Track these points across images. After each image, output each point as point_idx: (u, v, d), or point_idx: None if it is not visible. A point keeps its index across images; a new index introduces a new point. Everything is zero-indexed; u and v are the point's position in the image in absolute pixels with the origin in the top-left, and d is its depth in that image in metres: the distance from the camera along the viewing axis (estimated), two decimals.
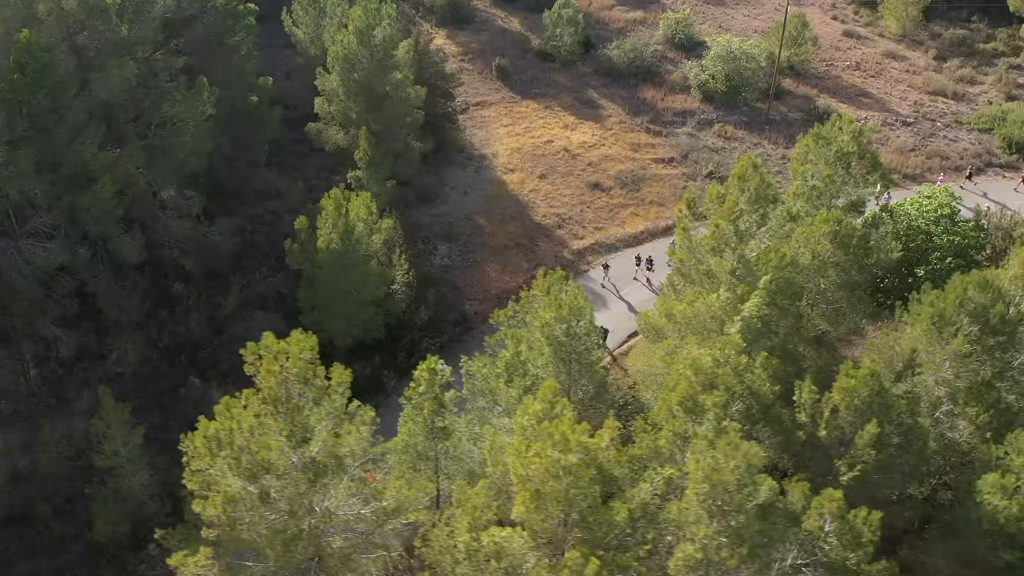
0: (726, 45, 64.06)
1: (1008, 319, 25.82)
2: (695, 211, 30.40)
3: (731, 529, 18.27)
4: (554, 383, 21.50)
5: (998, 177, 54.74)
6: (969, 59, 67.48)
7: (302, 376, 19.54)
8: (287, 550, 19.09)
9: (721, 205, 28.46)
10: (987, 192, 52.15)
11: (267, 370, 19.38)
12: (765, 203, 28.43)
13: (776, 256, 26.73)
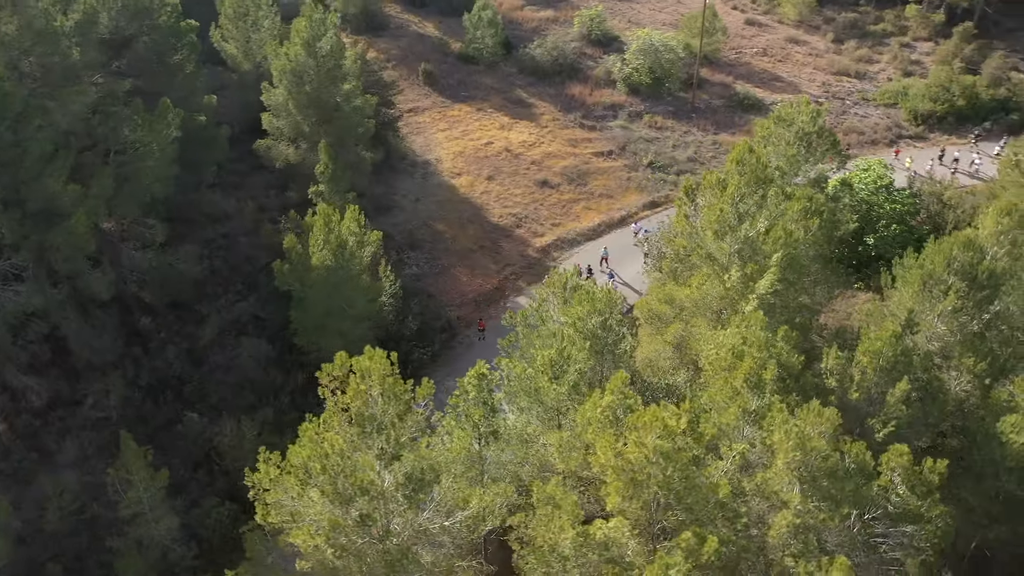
0: (646, 39, 66.10)
1: (993, 273, 28.18)
2: (693, 198, 31.52)
3: (823, 492, 19.31)
4: (624, 374, 21.99)
5: (910, 147, 59.01)
6: (864, 40, 72.26)
7: (391, 392, 19.17)
8: (393, 571, 18.72)
9: (723, 191, 29.67)
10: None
11: (355, 389, 18.93)
12: (764, 184, 29.85)
13: (785, 233, 28.19)
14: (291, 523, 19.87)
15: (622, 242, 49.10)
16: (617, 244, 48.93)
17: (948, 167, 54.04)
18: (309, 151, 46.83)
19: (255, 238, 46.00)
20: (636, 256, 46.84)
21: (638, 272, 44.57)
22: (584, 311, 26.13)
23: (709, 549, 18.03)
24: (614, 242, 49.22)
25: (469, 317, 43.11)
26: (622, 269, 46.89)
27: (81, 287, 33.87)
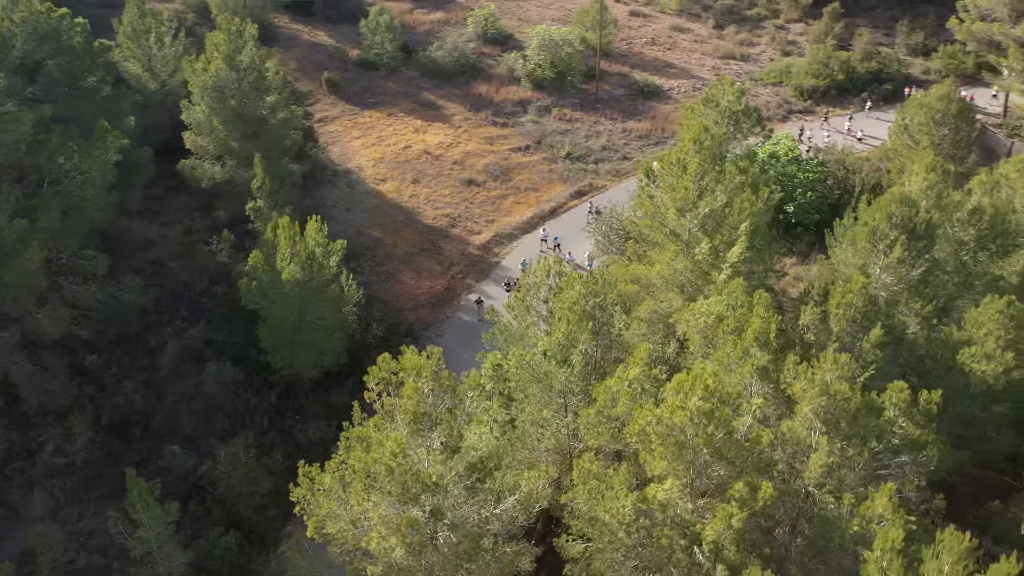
0: (545, 35, 67.76)
1: (929, 223, 31.21)
2: (653, 178, 33.09)
3: (845, 432, 21.11)
4: (647, 346, 23.07)
5: (801, 120, 63.39)
6: (742, 25, 76.85)
7: (444, 386, 19.44)
8: (471, 558, 19.02)
9: (683, 170, 31.36)
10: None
11: (412, 388, 19.07)
12: (720, 160, 31.75)
13: (750, 203, 30.17)
14: (350, 530, 19.78)
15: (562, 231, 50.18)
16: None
17: (803, 143, 57.69)
18: (237, 168, 45.64)
19: (188, 262, 44.36)
20: (581, 240, 48.18)
21: (586, 254, 45.97)
22: (580, 293, 27.10)
23: (764, 495, 19.43)
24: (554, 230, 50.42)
25: (427, 319, 43.24)
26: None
27: (29, 327, 31.82)
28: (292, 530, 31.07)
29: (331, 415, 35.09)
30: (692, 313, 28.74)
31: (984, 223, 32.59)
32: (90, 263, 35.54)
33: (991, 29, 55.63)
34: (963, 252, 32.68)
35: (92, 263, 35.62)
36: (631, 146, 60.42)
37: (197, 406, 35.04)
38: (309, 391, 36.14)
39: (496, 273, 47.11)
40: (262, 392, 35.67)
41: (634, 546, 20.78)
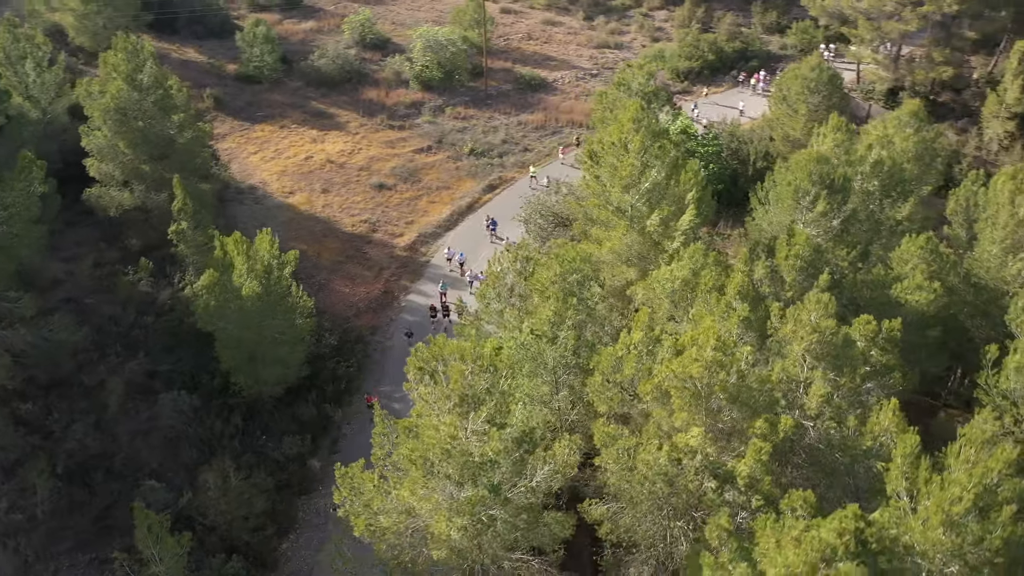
0: (428, 36, 68.34)
1: (845, 177, 34.52)
2: (596, 159, 34.65)
3: (834, 363, 23.39)
4: (646, 310, 24.51)
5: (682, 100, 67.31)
6: (610, 15, 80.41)
7: (486, 364, 20.02)
8: (531, 529, 19.67)
9: (625, 149, 33.11)
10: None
11: (458, 371, 19.53)
12: (659, 137, 33.71)
13: (694, 174, 32.32)
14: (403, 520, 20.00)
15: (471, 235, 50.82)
16: (468, 235, 50.71)
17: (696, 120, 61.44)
18: (147, 192, 43.66)
19: (106, 296, 42.08)
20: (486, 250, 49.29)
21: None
22: (563, 270, 28.25)
23: (784, 426, 21.34)
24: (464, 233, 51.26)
25: (373, 324, 43.05)
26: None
27: None
28: (288, 548, 30.58)
29: (301, 429, 34.61)
30: (656, 280, 30.47)
31: (885, 174, 36.33)
32: (16, 305, 33.20)
33: (840, 4, 61.26)
34: (870, 202, 36.27)
35: (18, 305, 33.29)
36: (529, 138, 62.11)
37: (157, 440, 33.55)
38: (272, 408, 35.34)
39: (429, 272, 47.46)
40: (224, 416, 34.54)
41: (669, 495, 22.18)
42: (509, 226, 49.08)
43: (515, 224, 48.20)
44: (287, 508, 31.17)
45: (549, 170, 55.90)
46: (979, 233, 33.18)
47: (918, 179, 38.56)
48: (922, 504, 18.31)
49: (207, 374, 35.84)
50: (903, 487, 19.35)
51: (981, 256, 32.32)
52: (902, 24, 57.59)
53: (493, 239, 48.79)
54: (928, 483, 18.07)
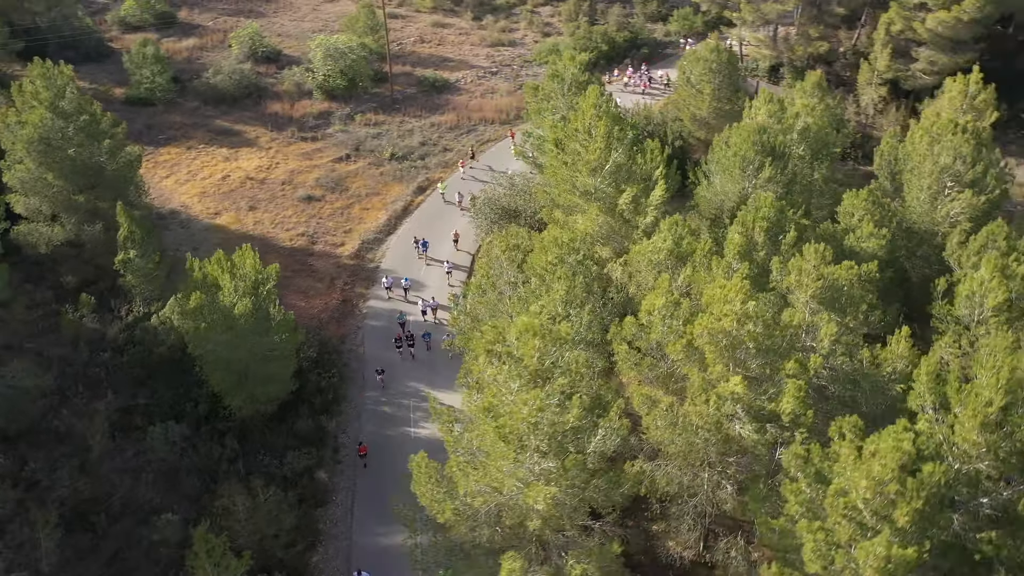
0: (327, 44, 67.68)
1: (784, 143, 37.64)
2: (561, 146, 36.09)
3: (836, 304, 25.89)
4: (667, 276, 26.17)
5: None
6: (497, 14, 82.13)
7: (557, 339, 20.95)
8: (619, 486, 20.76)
9: (589, 135, 34.75)
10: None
11: (529, 346, 20.39)
12: (619, 121, 35.51)
13: (659, 150, 34.39)
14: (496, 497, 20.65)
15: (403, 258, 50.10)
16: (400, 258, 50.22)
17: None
18: (79, 225, 41.43)
19: (48, 337, 39.70)
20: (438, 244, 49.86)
21: (453, 251, 48.14)
22: (562, 251, 29.51)
23: (815, 364, 23.57)
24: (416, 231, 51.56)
25: (341, 333, 42.68)
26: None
27: None
28: (319, 560, 30.30)
29: (301, 443, 34.17)
30: (640, 254, 32.30)
31: (812, 139, 39.85)
32: None
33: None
34: (803, 165, 39.65)
35: None
36: (446, 139, 62.80)
37: (152, 475, 32.22)
38: (264, 427, 34.66)
39: (381, 277, 47.40)
40: (219, 441, 33.58)
41: (713, 443, 23.94)
42: (439, 246, 48.74)
43: (445, 242, 48.44)
44: (309, 522, 30.81)
45: (452, 184, 55.14)
46: (905, 183, 37.08)
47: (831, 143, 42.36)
48: (954, 411, 20.90)
49: (189, 402, 34.67)
50: (929, 401, 21.94)
51: (911, 203, 36.15)
52: (779, 5, 62.45)
53: (428, 261, 47.61)
54: (959, 392, 20.67)
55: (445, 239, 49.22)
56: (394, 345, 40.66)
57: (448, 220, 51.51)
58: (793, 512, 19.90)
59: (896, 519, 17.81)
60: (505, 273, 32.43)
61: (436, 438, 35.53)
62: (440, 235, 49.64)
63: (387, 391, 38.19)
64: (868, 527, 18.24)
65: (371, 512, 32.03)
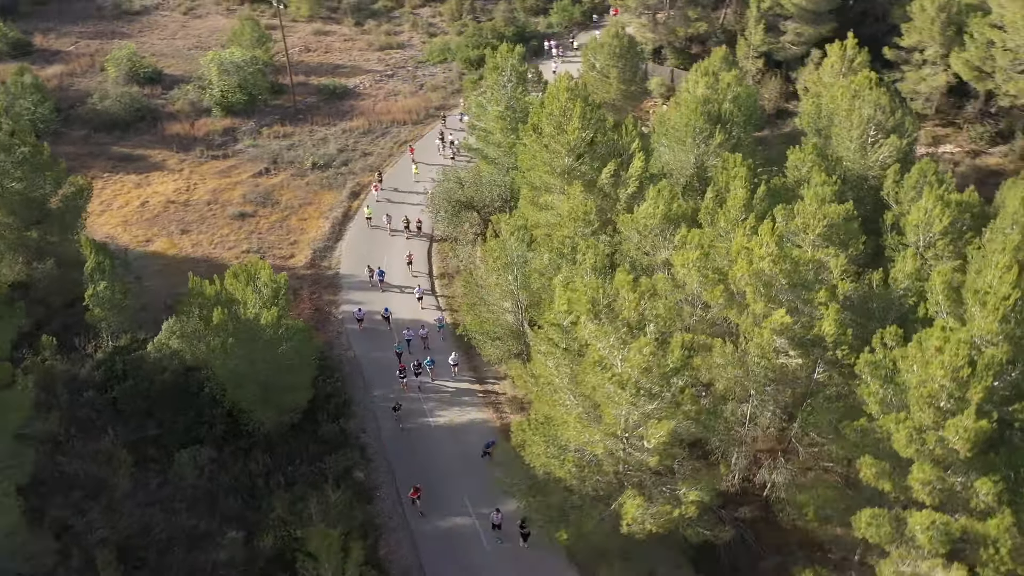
0: (222, 60, 65.78)
1: (729, 110, 41.34)
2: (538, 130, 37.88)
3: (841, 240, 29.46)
4: (696, 232, 28.66)
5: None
6: (378, 18, 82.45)
7: (648, 292, 22.88)
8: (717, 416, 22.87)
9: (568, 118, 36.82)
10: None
11: (632, 300, 22.22)
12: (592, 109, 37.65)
13: (633, 126, 37.01)
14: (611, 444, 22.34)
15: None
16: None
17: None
18: (28, 263, 38.95)
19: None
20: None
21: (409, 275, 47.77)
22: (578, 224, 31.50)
23: (844, 289, 26.93)
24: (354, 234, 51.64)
25: (326, 340, 42.31)
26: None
27: None
28: (387, 553, 30.68)
29: (332, 448, 34.16)
30: (633, 220, 34.77)
31: (743, 106, 43.95)
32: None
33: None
34: (738, 129, 43.65)
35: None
36: (362, 143, 62.85)
37: (186, 503, 31.26)
38: (289, 436, 34.36)
39: (345, 281, 47.37)
40: (247, 458, 33.01)
41: (767, 371, 26.75)
42: (391, 270, 47.57)
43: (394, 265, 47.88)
44: (368, 517, 31.06)
45: (375, 208, 53.40)
46: (834, 137, 41.75)
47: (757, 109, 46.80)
48: (970, 310, 24.73)
49: (204, 425, 33.77)
50: (944, 307, 25.80)
51: (843, 153, 40.78)
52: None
53: (383, 289, 46.14)
54: (975, 292, 24.51)
55: (395, 261, 48.08)
56: (398, 376, 38.79)
57: (387, 243, 50.22)
58: (874, 411, 22.99)
59: (971, 398, 21.20)
60: (513, 252, 33.97)
61: (454, 424, 36.84)
62: (382, 258, 48.39)
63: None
64: (946, 410, 21.53)
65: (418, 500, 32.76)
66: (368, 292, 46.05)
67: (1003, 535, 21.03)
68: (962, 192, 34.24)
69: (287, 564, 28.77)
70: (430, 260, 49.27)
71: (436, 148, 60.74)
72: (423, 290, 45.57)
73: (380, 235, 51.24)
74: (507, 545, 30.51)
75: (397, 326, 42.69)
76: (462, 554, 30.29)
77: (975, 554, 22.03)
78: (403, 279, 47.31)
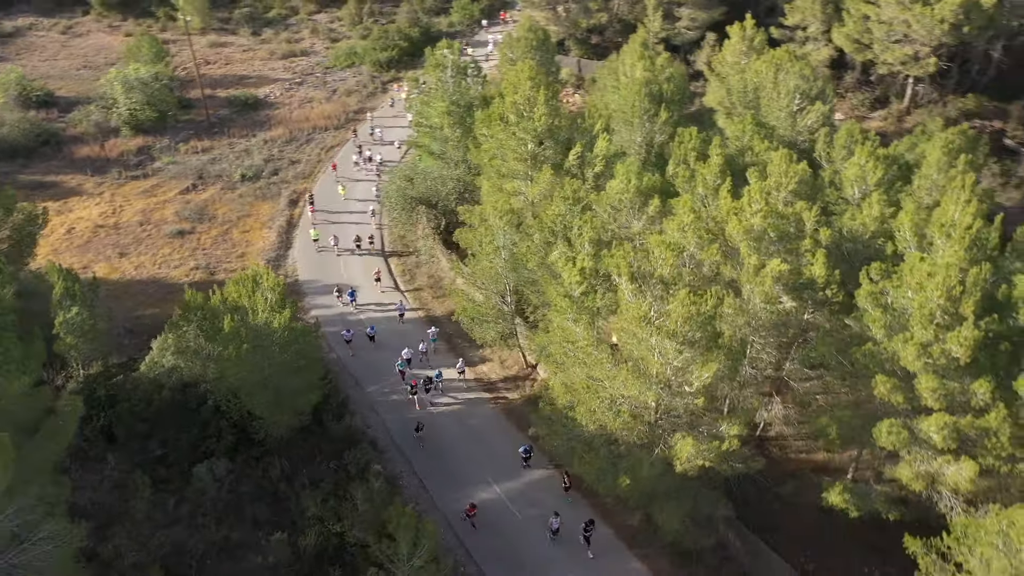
0: (127, 77, 63.40)
1: (664, 89, 44.23)
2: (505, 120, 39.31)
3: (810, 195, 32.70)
4: (687, 198, 30.96)
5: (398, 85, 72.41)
6: (274, 26, 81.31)
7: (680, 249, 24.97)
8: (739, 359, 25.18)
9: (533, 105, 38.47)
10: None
11: (666, 258, 24.26)
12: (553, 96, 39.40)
13: (597, 108, 39.08)
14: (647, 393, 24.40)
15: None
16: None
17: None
18: None
19: None
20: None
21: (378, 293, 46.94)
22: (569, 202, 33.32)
23: (825, 236, 29.99)
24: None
25: None
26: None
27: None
28: None
29: (345, 445, 34.44)
30: (607, 197, 36.96)
31: (676, 85, 47.10)
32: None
33: None
34: (674, 107, 46.77)
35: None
36: (287, 152, 62.30)
37: (214, 516, 30.85)
38: (299, 439, 34.39)
39: (307, 287, 47.16)
40: (261, 465, 32.87)
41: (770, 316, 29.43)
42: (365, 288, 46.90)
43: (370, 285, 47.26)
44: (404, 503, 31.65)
45: (302, 232, 52.44)
46: (763, 107, 45.47)
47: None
48: (935, 242, 28.33)
49: (210, 439, 33.32)
50: (913, 242, 29.37)
51: (773, 122, 44.54)
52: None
53: (354, 308, 45.12)
54: (941, 226, 28.10)
55: (357, 280, 47.22)
56: (408, 392, 38.13)
57: (339, 264, 49.23)
58: (878, 335, 26.03)
59: (964, 312, 24.53)
60: (502, 236, 35.39)
61: (455, 407, 37.84)
62: (342, 278, 47.58)
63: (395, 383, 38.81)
64: (943, 325, 24.77)
65: (440, 483, 33.57)
66: (336, 308, 45.24)
67: (1002, 425, 24.44)
68: None
69: (330, 560, 29.14)
70: (392, 276, 48.24)
71: (355, 164, 59.18)
72: (403, 307, 44.42)
73: (329, 256, 49.75)
74: (568, 550, 30.34)
75: (383, 343, 42.26)
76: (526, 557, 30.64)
77: (976, 449, 25.42)
78: (374, 297, 46.15)
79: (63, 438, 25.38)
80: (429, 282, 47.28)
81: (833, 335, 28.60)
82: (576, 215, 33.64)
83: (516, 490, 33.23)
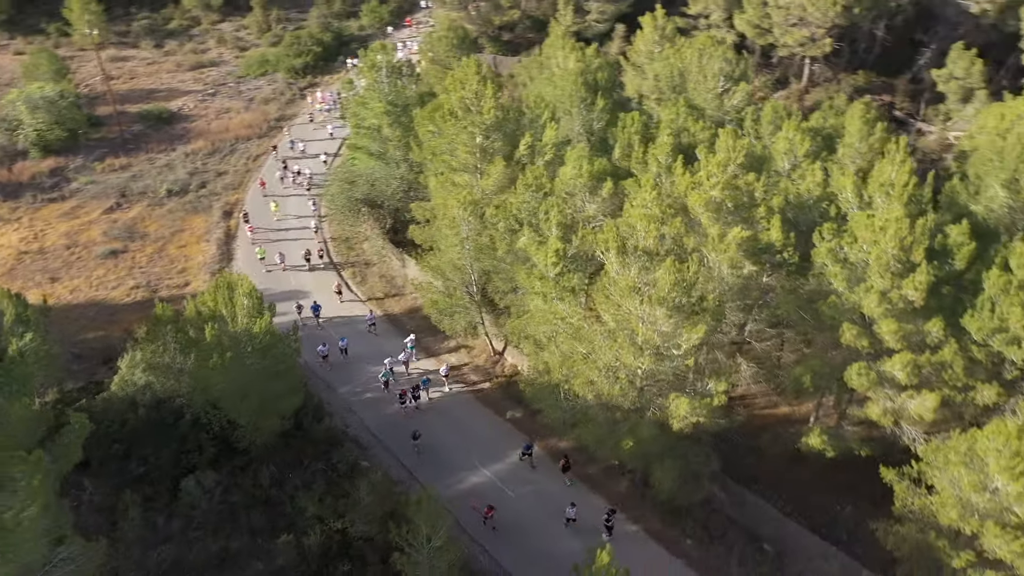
0: (30, 96, 60.56)
1: (606, 79, 46.03)
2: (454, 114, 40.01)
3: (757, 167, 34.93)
4: (649, 177, 32.52)
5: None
6: (177, 37, 79.03)
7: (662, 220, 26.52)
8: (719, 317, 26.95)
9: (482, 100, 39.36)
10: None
11: (650, 230, 25.74)
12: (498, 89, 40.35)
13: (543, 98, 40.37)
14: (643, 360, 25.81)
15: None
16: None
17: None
18: None
19: None
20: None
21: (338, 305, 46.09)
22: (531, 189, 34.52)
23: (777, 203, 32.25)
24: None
25: None
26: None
27: None
28: None
29: (329, 446, 34.51)
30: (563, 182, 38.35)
31: (606, 74, 49.02)
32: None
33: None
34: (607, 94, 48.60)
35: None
36: (211, 163, 60.97)
37: (208, 528, 30.43)
38: (282, 444, 34.23)
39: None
40: (253, 472, 32.58)
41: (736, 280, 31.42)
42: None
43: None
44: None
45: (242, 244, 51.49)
46: (691, 90, 47.87)
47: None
48: (875, 201, 31.01)
49: (192, 453, 32.78)
50: (855, 203, 32.01)
51: (701, 104, 47.01)
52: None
53: (320, 324, 43.86)
54: (881, 185, 30.78)
55: (315, 296, 45.82)
56: (398, 401, 37.41)
57: (291, 278, 48.20)
58: (841, 287, 28.36)
59: (915, 259, 27.11)
60: (466, 228, 36.23)
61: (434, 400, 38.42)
62: (297, 293, 46.56)
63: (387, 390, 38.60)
64: (897, 273, 27.28)
65: (429, 470, 34.09)
66: (291, 315, 43.79)
67: (955, 358, 27.13)
68: None
69: (336, 556, 29.34)
70: (351, 288, 47.38)
71: (281, 180, 57.68)
72: (372, 317, 43.80)
73: (278, 273, 48.38)
74: (585, 538, 30.30)
75: (357, 354, 41.52)
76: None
77: (934, 383, 28.09)
78: (337, 310, 45.19)
79: (70, 457, 24.67)
80: (382, 283, 47.46)
81: (794, 293, 30.85)
82: (540, 201, 34.81)
83: (505, 471, 34.14)
